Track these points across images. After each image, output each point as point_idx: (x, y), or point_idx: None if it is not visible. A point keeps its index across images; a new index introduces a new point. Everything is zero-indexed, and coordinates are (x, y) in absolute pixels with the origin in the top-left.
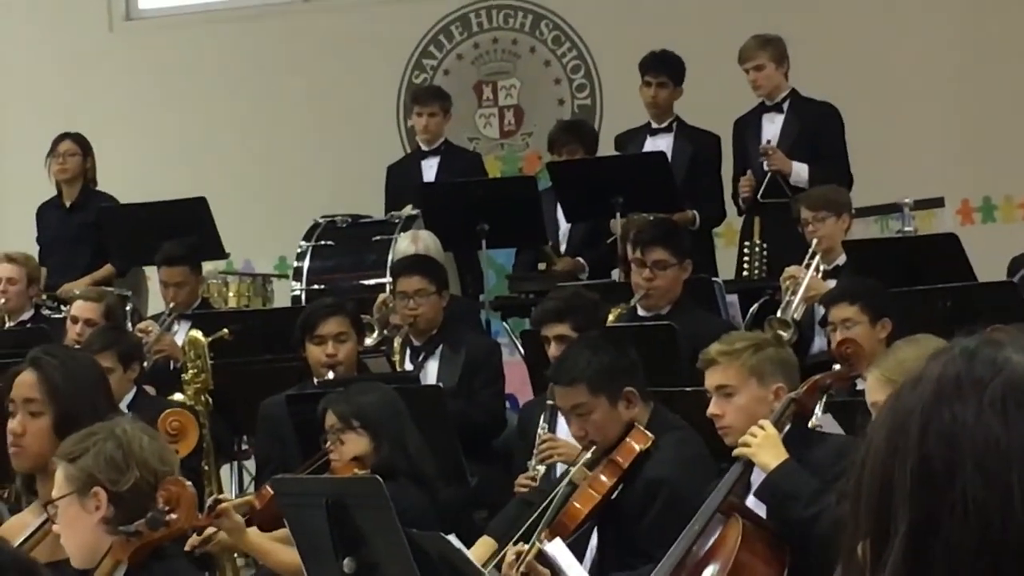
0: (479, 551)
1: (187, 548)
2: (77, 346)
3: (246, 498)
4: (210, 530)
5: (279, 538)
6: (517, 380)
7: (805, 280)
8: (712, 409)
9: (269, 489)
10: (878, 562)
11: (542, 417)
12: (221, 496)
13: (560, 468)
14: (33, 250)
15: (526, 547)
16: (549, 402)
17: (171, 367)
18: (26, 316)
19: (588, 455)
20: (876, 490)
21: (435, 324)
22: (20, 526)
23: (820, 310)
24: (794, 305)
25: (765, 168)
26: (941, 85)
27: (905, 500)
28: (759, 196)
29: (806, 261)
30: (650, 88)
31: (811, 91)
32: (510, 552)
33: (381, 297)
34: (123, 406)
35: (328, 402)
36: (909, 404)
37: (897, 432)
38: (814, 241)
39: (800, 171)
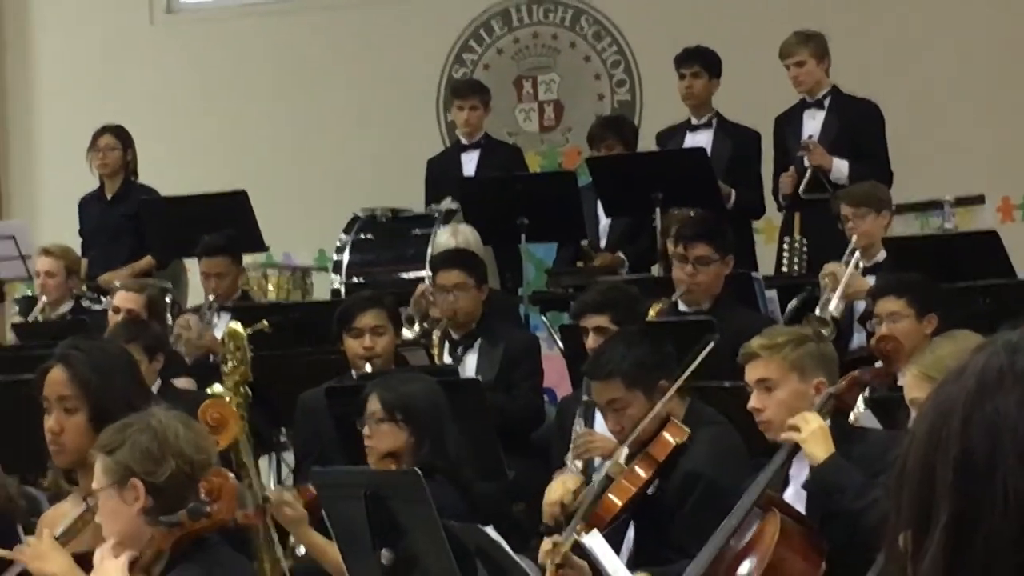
0: None
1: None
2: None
3: (285, 494)
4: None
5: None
6: (555, 374)
7: (844, 277)
8: (753, 403)
9: (311, 487)
10: (919, 552)
11: (578, 412)
12: (268, 493)
13: (597, 463)
14: (74, 242)
15: (561, 539)
16: (585, 398)
17: (211, 359)
18: (66, 308)
19: (625, 451)
20: (918, 481)
21: (474, 318)
22: (59, 515)
23: (859, 306)
24: (833, 303)
25: (806, 164)
26: (982, 82)
27: (946, 491)
28: (799, 192)
29: (845, 258)
30: (685, 80)
31: (852, 88)
32: (546, 543)
33: (420, 288)
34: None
35: (375, 387)
36: (952, 396)
37: (939, 424)
38: (854, 238)
39: (840, 167)
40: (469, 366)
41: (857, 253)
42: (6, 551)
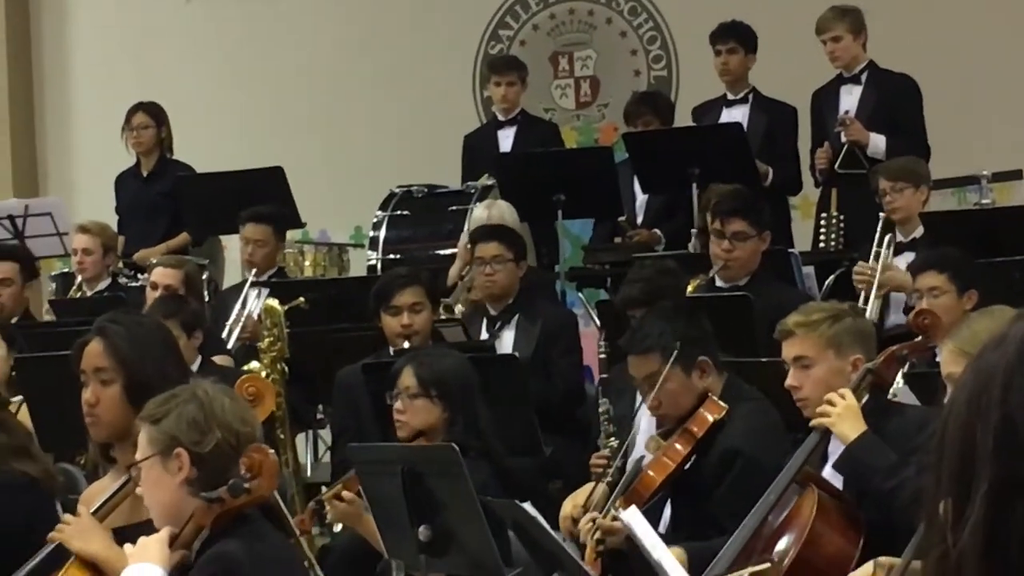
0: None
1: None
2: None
3: (335, 488)
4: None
5: None
6: (592, 351)
7: (877, 273)
8: (790, 381)
9: (356, 477)
10: (959, 521)
11: (600, 392)
12: (321, 497)
13: (635, 445)
14: (110, 219)
15: (599, 515)
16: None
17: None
18: (103, 285)
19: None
20: (958, 449)
21: (511, 293)
22: (99, 491)
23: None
24: (870, 306)
25: (842, 139)
26: (1019, 56)
27: (987, 459)
28: (836, 167)
29: (874, 249)
30: (721, 56)
31: (889, 63)
32: (585, 520)
33: (457, 277)
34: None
35: (408, 361)
36: (992, 364)
37: (980, 392)
38: (887, 215)
39: (877, 142)
40: (506, 342)
41: (888, 236)
42: (52, 534)
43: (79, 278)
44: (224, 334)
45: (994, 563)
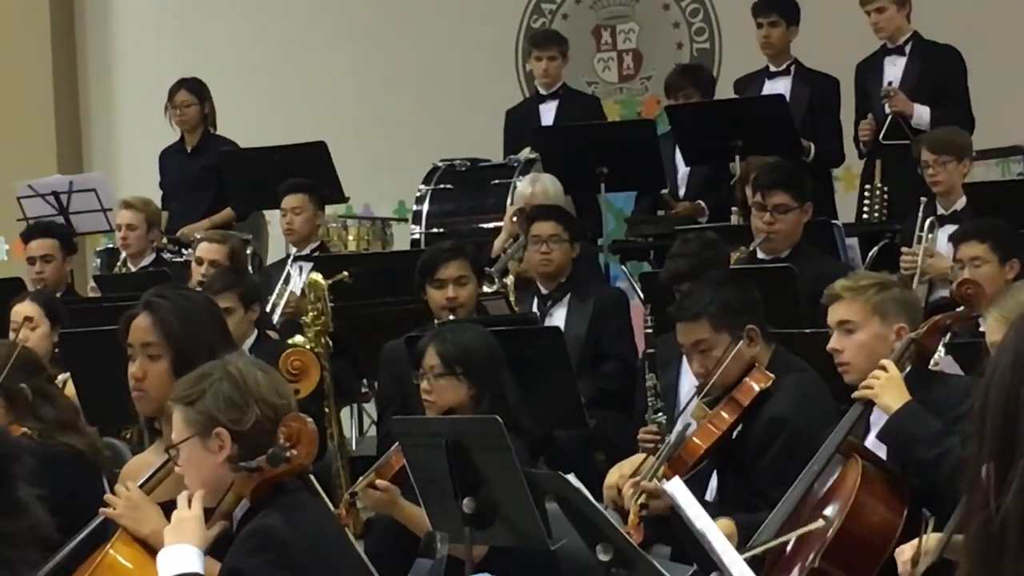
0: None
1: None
2: (200, 288)
3: (368, 478)
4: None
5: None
6: (638, 325)
7: (920, 258)
8: (832, 344)
9: (392, 462)
10: (1003, 484)
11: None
12: (354, 488)
13: (679, 421)
14: (154, 195)
15: (644, 479)
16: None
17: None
18: (147, 260)
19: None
20: (1001, 413)
21: (564, 272)
22: (143, 465)
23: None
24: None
25: (887, 111)
26: None
27: None
28: (880, 137)
29: (916, 232)
30: (762, 29)
31: (933, 34)
32: (628, 484)
33: (500, 247)
34: (245, 348)
35: (430, 340)
36: None
37: (1023, 356)
38: (931, 189)
39: (922, 113)
40: (557, 320)
41: (931, 218)
42: (105, 510)
43: (123, 254)
44: (268, 308)
45: None
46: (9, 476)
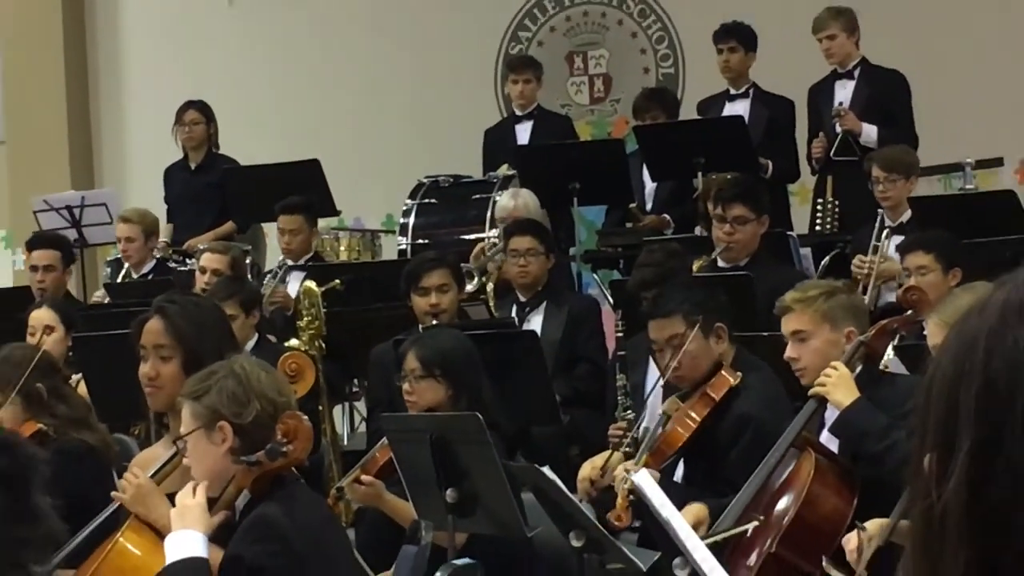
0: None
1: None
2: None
3: (354, 473)
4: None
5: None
6: (609, 329)
7: (874, 266)
8: (789, 353)
9: (378, 457)
10: (943, 475)
11: (618, 366)
12: (341, 483)
13: (646, 416)
14: (160, 209)
15: (632, 466)
16: (622, 355)
17: (290, 313)
18: (148, 268)
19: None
20: (943, 409)
21: (540, 282)
22: (152, 458)
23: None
24: (867, 295)
25: (837, 130)
26: (1000, 53)
27: (970, 419)
28: (831, 154)
29: (872, 243)
30: (722, 55)
31: (880, 59)
32: (619, 470)
33: (478, 247)
34: (246, 351)
35: (411, 344)
36: (975, 329)
37: (963, 355)
38: (883, 203)
39: (870, 132)
40: (535, 325)
41: (886, 230)
42: (117, 495)
43: (126, 265)
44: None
45: (975, 515)
46: (27, 486)
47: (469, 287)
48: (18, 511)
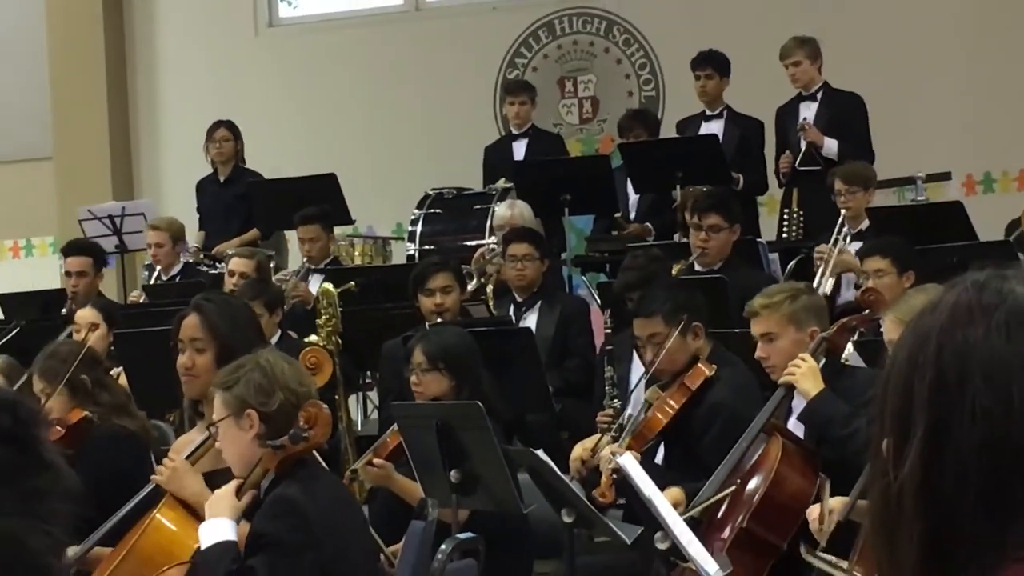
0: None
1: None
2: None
3: (367, 457)
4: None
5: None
6: (598, 326)
7: (833, 257)
8: (759, 352)
9: (388, 441)
10: (899, 458)
11: (605, 359)
12: (355, 466)
13: (631, 405)
14: (191, 216)
15: (616, 448)
16: (609, 350)
17: (311, 308)
18: (176, 270)
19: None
20: (899, 398)
21: (536, 284)
22: (187, 442)
23: (852, 277)
24: (823, 281)
25: (801, 145)
26: (950, 80)
27: (923, 407)
28: (797, 165)
29: (834, 236)
30: (699, 80)
31: (840, 83)
32: (605, 452)
33: (479, 252)
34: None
35: (418, 340)
36: (928, 326)
37: (917, 349)
38: (842, 214)
39: (831, 145)
40: (530, 323)
41: (844, 230)
42: (155, 477)
43: (157, 269)
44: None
45: (928, 494)
46: (34, 441)
47: (470, 287)
48: (27, 464)
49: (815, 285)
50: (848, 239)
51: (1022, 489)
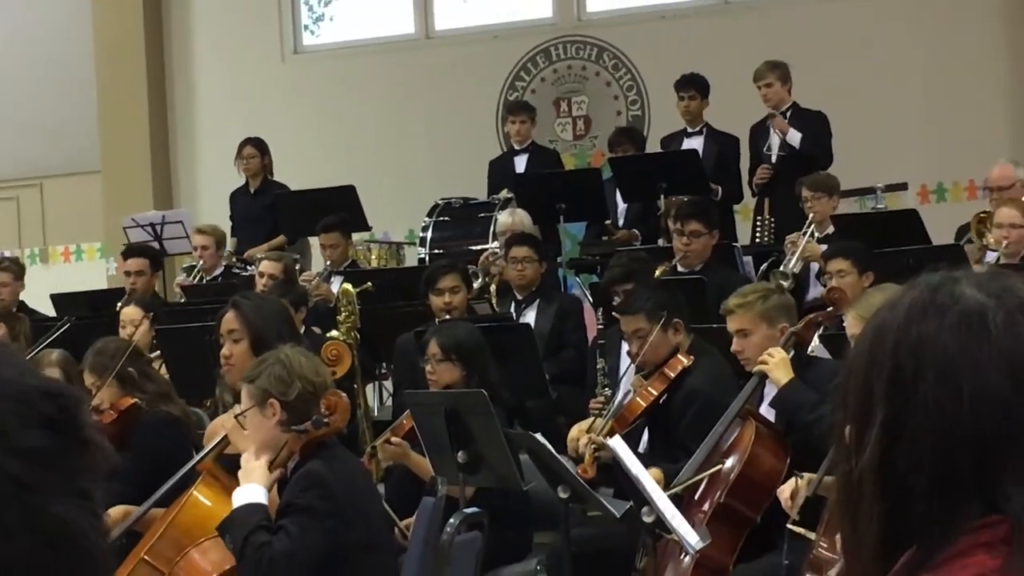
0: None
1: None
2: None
3: (385, 435)
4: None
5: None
6: (591, 322)
7: (802, 243)
8: (734, 347)
9: (404, 422)
10: (860, 444)
11: (597, 352)
12: (375, 443)
13: (620, 392)
14: (226, 226)
15: (596, 435)
16: (601, 343)
17: (332, 306)
18: (218, 272)
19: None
20: (859, 389)
21: (534, 284)
22: (219, 425)
23: (814, 267)
24: (792, 262)
25: (773, 159)
26: (907, 100)
27: (881, 399)
28: (773, 161)
29: (804, 230)
30: (683, 101)
31: (808, 103)
32: (584, 439)
33: (484, 254)
34: None
35: (432, 334)
36: (886, 323)
37: (876, 346)
38: (811, 215)
39: (795, 136)
40: (529, 319)
41: (812, 227)
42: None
43: (195, 271)
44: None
45: (885, 479)
46: (78, 423)
47: (475, 285)
48: (70, 445)
49: (784, 266)
50: (815, 239)
51: (970, 475)
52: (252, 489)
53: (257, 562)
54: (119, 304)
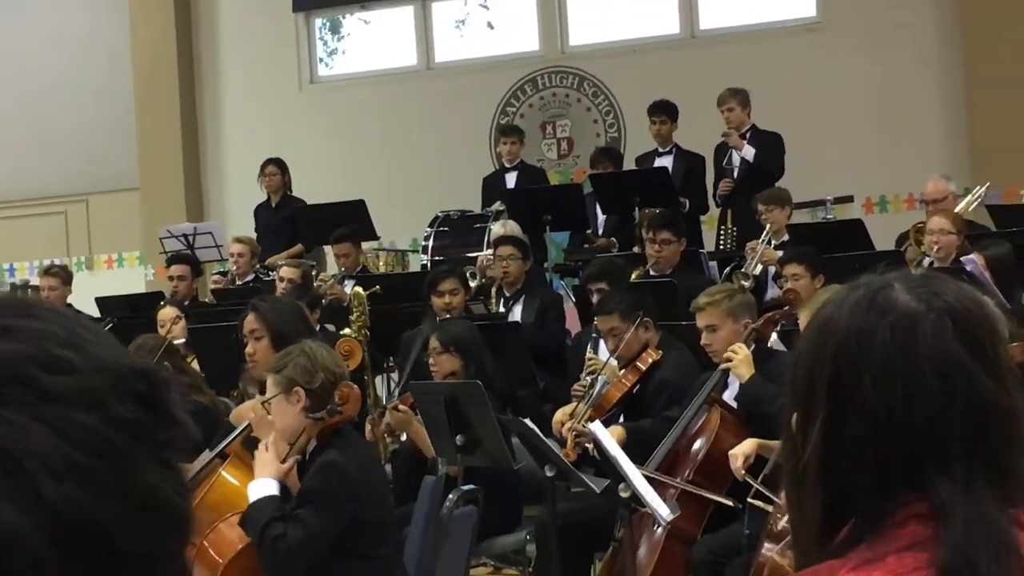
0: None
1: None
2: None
3: (394, 403)
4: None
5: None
6: (571, 319)
7: (760, 250)
8: (703, 340)
9: (410, 396)
10: (805, 436)
11: (589, 345)
12: (385, 407)
13: (600, 379)
14: (248, 235)
15: (576, 423)
16: (594, 335)
17: (345, 306)
18: (250, 278)
19: (615, 363)
20: (803, 387)
21: (519, 280)
22: (246, 410)
23: (772, 271)
24: (752, 266)
25: (735, 175)
26: (853, 123)
27: (823, 398)
28: (735, 175)
29: (762, 238)
30: (655, 125)
31: (766, 124)
32: (566, 427)
33: (480, 260)
34: None
35: (433, 329)
36: (831, 322)
37: (819, 346)
38: (768, 224)
39: (749, 151)
40: (516, 313)
41: (769, 235)
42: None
43: (229, 274)
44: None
45: (826, 470)
46: (166, 399)
47: (472, 283)
48: (158, 421)
49: (745, 269)
50: (772, 246)
51: (901, 469)
52: (264, 483)
53: (274, 553)
54: (161, 304)
